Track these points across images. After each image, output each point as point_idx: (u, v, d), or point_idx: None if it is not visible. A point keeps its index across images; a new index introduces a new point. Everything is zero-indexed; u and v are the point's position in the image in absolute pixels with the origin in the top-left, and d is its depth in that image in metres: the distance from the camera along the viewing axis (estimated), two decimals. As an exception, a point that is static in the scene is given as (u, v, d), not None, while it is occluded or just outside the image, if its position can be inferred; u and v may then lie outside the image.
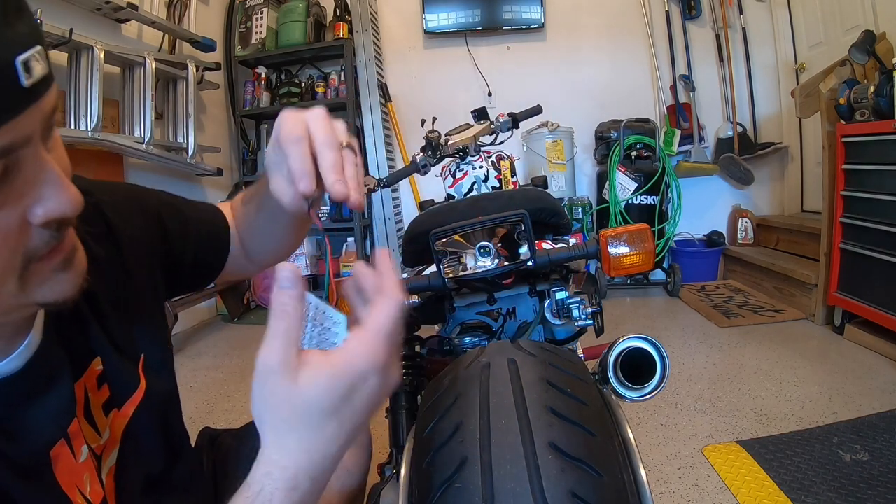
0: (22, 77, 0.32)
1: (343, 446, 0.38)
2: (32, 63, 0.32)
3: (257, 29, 3.51)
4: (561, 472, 0.41)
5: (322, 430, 0.36)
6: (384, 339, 0.37)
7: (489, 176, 1.34)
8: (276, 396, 0.36)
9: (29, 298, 0.39)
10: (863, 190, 2.12)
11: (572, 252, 0.76)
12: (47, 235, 0.38)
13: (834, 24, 2.99)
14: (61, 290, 0.40)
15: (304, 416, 0.36)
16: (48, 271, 0.39)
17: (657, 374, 0.61)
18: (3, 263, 0.36)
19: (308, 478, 0.36)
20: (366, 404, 0.38)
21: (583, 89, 3.67)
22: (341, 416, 0.37)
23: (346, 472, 0.82)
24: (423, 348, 0.93)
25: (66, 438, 0.45)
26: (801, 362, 2.06)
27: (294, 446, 0.36)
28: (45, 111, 0.35)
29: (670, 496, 1.30)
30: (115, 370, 0.52)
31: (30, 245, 0.37)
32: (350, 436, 0.38)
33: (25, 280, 0.38)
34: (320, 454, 0.37)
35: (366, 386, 0.37)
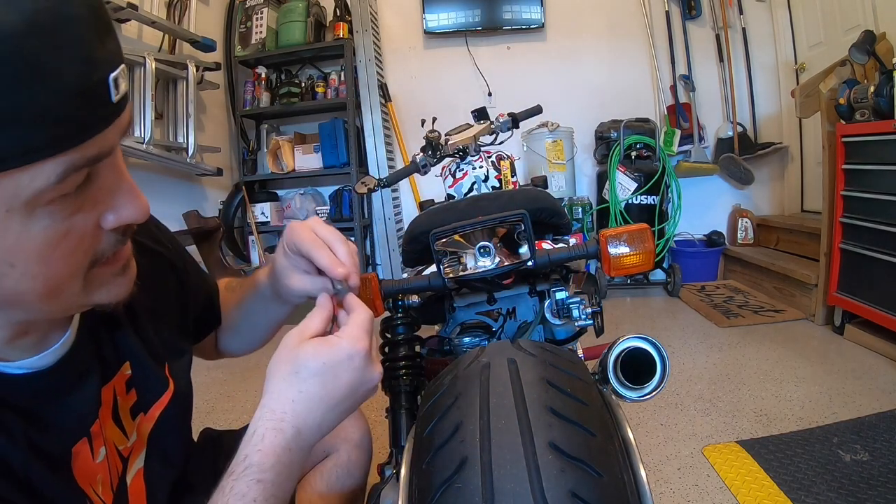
0: (112, 93, 0.35)
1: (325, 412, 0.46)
2: (120, 80, 0.35)
3: (257, 29, 3.51)
4: (561, 472, 0.41)
5: (307, 385, 0.45)
6: (365, 333, 0.48)
7: (489, 176, 1.34)
8: (284, 353, 0.46)
9: (88, 299, 0.42)
10: (863, 190, 2.12)
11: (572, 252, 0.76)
12: (114, 240, 0.41)
13: (834, 24, 2.99)
14: (117, 293, 0.44)
15: (295, 371, 0.45)
16: (108, 275, 0.43)
17: (657, 375, 0.61)
18: (76, 264, 0.39)
19: (292, 426, 0.44)
20: (348, 380, 0.46)
21: (583, 89, 3.67)
22: (324, 381, 0.45)
23: (346, 473, 0.82)
24: (423, 348, 0.93)
25: (88, 438, 0.47)
26: (801, 362, 2.06)
27: (284, 395, 0.45)
28: (124, 124, 0.38)
29: (670, 496, 1.30)
30: (143, 375, 0.55)
31: (98, 248, 0.40)
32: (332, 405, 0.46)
33: (89, 281, 0.41)
34: (304, 406, 0.45)
35: (350, 364, 0.46)
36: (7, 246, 0.35)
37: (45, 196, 0.34)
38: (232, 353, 0.79)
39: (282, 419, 0.44)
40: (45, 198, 0.34)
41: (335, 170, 3.55)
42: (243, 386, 2.16)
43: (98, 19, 0.34)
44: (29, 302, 0.39)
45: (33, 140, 0.32)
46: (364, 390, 0.48)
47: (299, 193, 3.74)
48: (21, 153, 0.32)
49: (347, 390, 0.46)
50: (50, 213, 0.35)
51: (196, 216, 3.03)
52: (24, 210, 0.34)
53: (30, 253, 0.36)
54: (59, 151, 0.33)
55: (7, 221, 0.34)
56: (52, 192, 0.34)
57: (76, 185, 0.36)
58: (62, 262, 0.38)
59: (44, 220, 0.35)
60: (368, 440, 0.89)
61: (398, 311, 0.84)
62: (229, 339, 0.77)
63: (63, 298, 0.40)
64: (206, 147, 3.27)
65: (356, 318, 0.49)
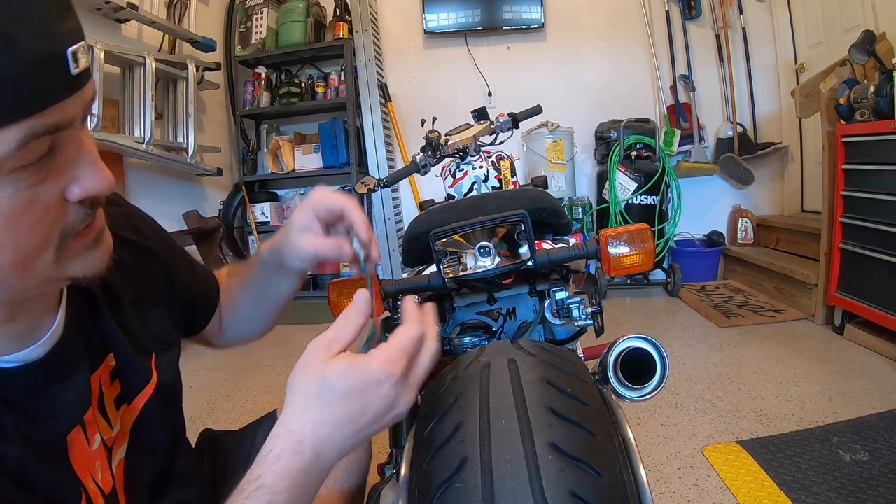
0: (71, 66, 0.36)
1: (346, 437, 0.43)
2: (79, 55, 0.37)
3: (257, 29, 3.51)
4: (561, 472, 0.41)
5: (331, 409, 0.42)
6: (403, 356, 0.44)
7: (489, 176, 1.34)
8: (308, 370, 0.44)
9: (62, 272, 0.42)
10: (863, 190, 2.12)
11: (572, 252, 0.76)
12: (82, 212, 0.41)
13: (834, 24, 2.99)
14: (91, 265, 0.44)
15: (321, 392, 0.43)
16: (81, 248, 0.43)
17: (657, 375, 0.61)
18: (43, 235, 0.39)
19: (311, 449, 0.42)
20: (374, 407, 0.43)
21: (583, 89, 3.67)
22: (349, 405, 0.42)
23: (346, 473, 0.82)
24: (423, 348, 0.92)
25: (81, 426, 0.48)
26: (801, 362, 2.06)
27: (306, 416, 0.43)
28: (86, 99, 0.39)
29: (670, 496, 1.30)
30: (127, 366, 0.55)
31: (67, 221, 0.41)
32: (354, 431, 0.43)
33: (61, 254, 0.41)
34: (325, 430, 0.42)
35: (379, 390, 0.43)
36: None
37: (8, 163, 0.35)
38: (239, 339, 0.78)
39: (301, 441, 0.42)
40: (7, 165, 0.35)
41: (335, 170, 3.55)
42: (243, 386, 2.16)
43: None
44: (1, 276, 0.39)
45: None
46: (392, 416, 0.44)
47: (299, 193, 3.74)
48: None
49: (374, 416, 0.43)
50: (13, 182, 0.36)
51: (196, 216, 3.03)
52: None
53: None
54: (19, 118, 0.34)
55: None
56: (14, 159, 0.35)
57: (38, 155, 0.37)
58: (29, 232, 0.38)
59: (7, 189, 0.36)
60: (369, 440, 0.89)
61: (398, 311, 0.84)
62: (235, 325, 0.76)
63: (35, 271, 0.40)
64: (206, 147, 3.27)
65: (397, 337, 0.45)
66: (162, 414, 0.58)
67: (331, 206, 0.56)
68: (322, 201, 0.57)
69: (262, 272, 0.68)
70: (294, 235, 0.58)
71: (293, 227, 0.59)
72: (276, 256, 0.63)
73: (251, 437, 0.78)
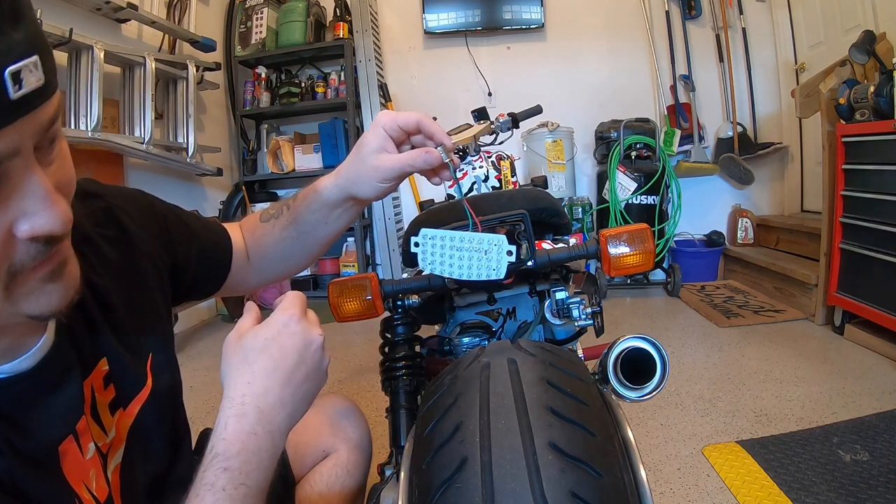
0: (10, 89, 0.31)
1: (282, 386, 0.46)
2: (24, 74, 0.31)
3: (257, 29, 3.51)
4: (561, 472, 0.41)
5: (257, 364, 0.46)
6: (294, 300, 0.50)
7: (489, 176, 1.34)
8: (229, 350, 0.48)
9: (16, 309, 0.38)
10: (863, 190, 2.12)
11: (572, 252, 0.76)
12: (34, 250, 0.37)
13: (834, 24, 2.99)
14: (48, 301, 0.40)
15: (244, 356, 0.47)
16: (34, 282, 0.38)
17: (657, 375, 0.61)
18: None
19: (253, 407, 0.44)
20: (291, 346, 0.47)
21: (583, 89, 3.67)
22: (270, 353, 0.46)
23: (346, 472, 0.82)
24: (423, 348, 0.93)
25: (74, 435, 0.46)
26: (801, 362, 2.06)
27: (239, 380, 0.46)
28: (40, 123, 0.34)
29: (670, 496, 1.30)
30: (121, 370, 0.53)
31: (15, 258, 0.36)
32: (286, 376, 0.46)
33: (11, 291, 0.37)
34: (259, 385, 0.45)
35: (287, 330, 0.48)
36: None
37: None
38: (276, 277, 0.77)
39: (242, 403, 0.44)
40: None
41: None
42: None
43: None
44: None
45: None
46: (312, 353, 0.48)
47: (299, 193, 3.74)
48: None
49: (296, 357, 0.47)
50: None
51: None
52: None
53: None
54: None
55: None
56: None
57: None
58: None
59: None
60: (368, 440, 0.89)
61: (398, 311, 0.84)
62: (270, 265, 0.74)
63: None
64: (206, 147, 3.27)
65: (283, 298, 0.51)
66: (159, 418, 0.57)
67: (404, 122, 0.57)
68: (393, 120, 0.57)
69: (320, 209, 0.65)
70: (370, 158, 0.57)
71: (367, 151, 0.58)
72: (345, 188, 0.61)
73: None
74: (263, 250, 0.73)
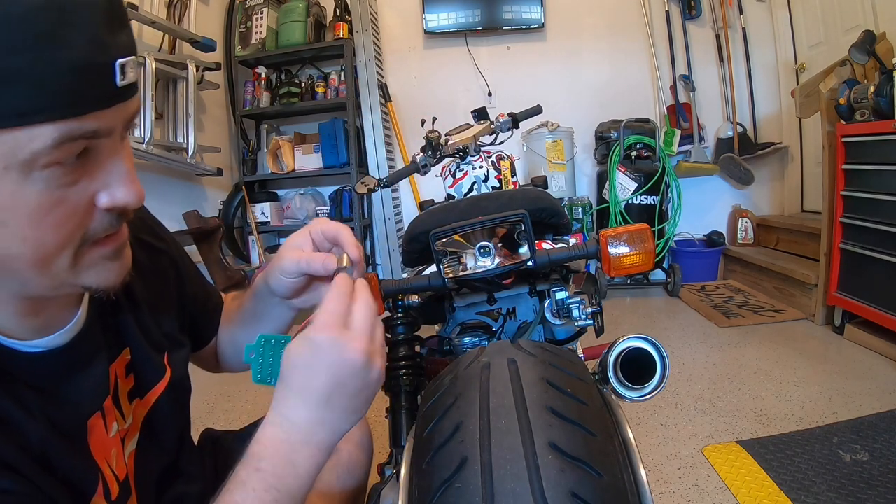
0: (118, 77, 0.38)
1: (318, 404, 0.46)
2: (127, 68, 0.38)
3: (257, 29, 3.51)
4: (561, 472, 0.41)
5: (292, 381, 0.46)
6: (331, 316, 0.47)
7: (489, 176, 1.34)
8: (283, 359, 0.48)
9: (77, 279, 0.43)
10: (863, 190, 2.12)
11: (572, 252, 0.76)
12: (107, 221, 0.42)
13: (834, 24, 2.99)
14: (106, 276, 0.45)
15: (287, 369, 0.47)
16: (98, 257, 0.43)
17: (657, 375, 0.61)
18: (65, 236, 0.40)
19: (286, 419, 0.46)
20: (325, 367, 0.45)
21: (583, 89, 3.67)
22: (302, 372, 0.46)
23: (347, 472, 0.83)
24: (423, 348, 0.93)
25: (101, 412, 0.50)
26: (801, 362, 2.06)
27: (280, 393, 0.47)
28: (129, 112, 0.41)
29: (670, 496, 1.30)
30: (141, 361, 0.57)
31: (91, 226, 0.41)
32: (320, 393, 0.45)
33: (78, 259, 0.42)
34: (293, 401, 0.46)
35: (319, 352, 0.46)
36: (1, 203, 0.36)
37: (42, 159, 0.36)
38: (232, 364, 0.78)
39: (279, 413, 0.46)
40: (41, 161, 0.36)
41: (335, 170, 3.55)
42: (243, 386, 2.16)
43: (112, 11, 0.37)
44: (19, 269, 0.40)
45: (35, 102, 0.34)
46: (349, 372, 0.46)
47: (299, 193, 3.74)
48: (22, 112, 0.34)
49: (328, 377, 0.45)
50: (45, 179, 0.37)
51: (196, 216, 3.03)
52: (21, 170, 0.36)
53: (22, 214, 0.37)
54: (58, 118, 0.35)
55: (4, 178, 0.35)
56: (48, 156, 0.36)
57: (72, 155, 0.37)
58: (53, 229, 0.39)
59: (39, 184, 0.37)
60: (369, 440, 0.89)
61: (398, 311, 0.84)
62: (229, 349, 0.76)
63: (52, 272, 0.41)
64: (206, 147, 3.27)
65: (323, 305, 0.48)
66: (172, 410, 0.60)
67: (327, 230, 0.57)
68: (320, 227, 0.58)
69: (257, 300, 0.66)
70: (284, 251, 0.58)
71: (286, 247, 0.59)
72: (266, 282, 0.62)
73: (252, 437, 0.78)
74: (229, 327, 0.74)
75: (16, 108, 0.34)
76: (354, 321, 0.47)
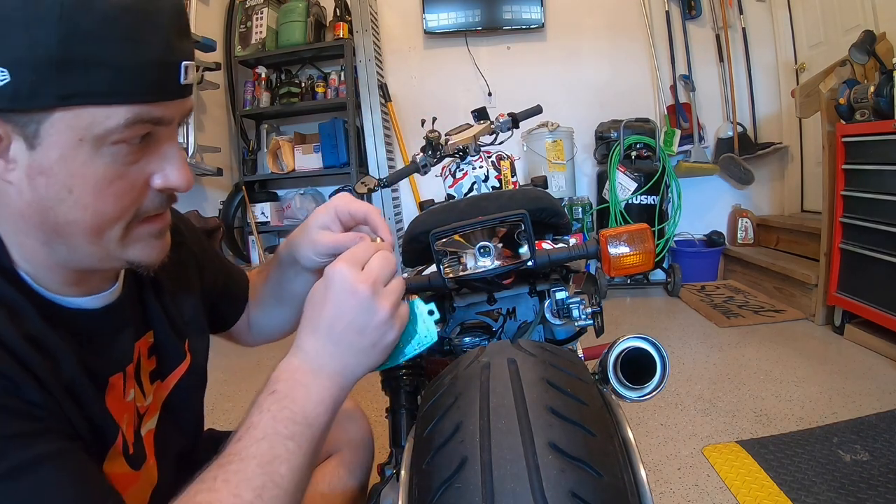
0: (182, 76, 0.44)
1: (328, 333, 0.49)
2: (189, 70, 0.45)
3: (257, 29, 3.51)
4: (561, 472, 0.41)
5: (307, 314, 0.51)
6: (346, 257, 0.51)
7: (489, 176, 1.34)
8: None
9: (123, 252, 0.47)
10: (863, 190, 2.12)
11: (572, 252, 0.76)
12: (158, 201, 0.48)
13: (834, 24, 2.99)
14: (149, 253, 0.49)
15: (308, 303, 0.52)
16: (145, 233, 0.48)
17: (657, 375, 0.61)
18: (121, 208, 0.45)
19: (299, 348, 0.50)
20: (330, 298, 0.49)
21: (583, 89, 3.67)
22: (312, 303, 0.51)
23: (348, 472, 0.83)
24: (423, 348, 0.92)
25: (123, 374, 0.53)
26: (801, 362, 2.06)
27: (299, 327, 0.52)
28: (185, 108, 0.47)
29: (670, 496, 1.30)
30: (164, 344, 0.60)
31: (143, 203, 0.47)
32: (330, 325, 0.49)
33: (128, 232, 0.47)
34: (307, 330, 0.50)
35: (324, 284, 0.50)
36: (71, 171, 0.42)
37: (113, 136, 0.41)
38: (267, 336, 0.81)
39: (294, 345, 0.51)
40: (112, 137, 0.41)
41: (335, 170, 3.55)
42: (243, 386, 2.15)
43: (179, 22, 0.44)
44: (75, 236, 0.44)
45: (116, 86, 0.40)
46: (353, 305, 0.48)
47: (299, 193, 3.74)
48: (104, 93, 0.40)
49: (333, 307, 0.49)
50: (112, 154, 0.42)
51: (196, 216, 3.03)
52: (94, 143, 0.41)
53: (88, 183, 0.42)
54: (131, 102, 0.41)
55: (77, 149, 0.41)
56: (119, 133, 0.41)
57: (137, 137, 0.43)
58: (111, 200, 0.44)
59: (106, 158, 0.42)
60: (370, 440, 0.89)
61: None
62: (262, 322, 0.79)
63: (104, 241, 0.45)
64: (206, 147, 3.27)
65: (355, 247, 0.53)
66: (190, 395, 0.63)
67: (355, 211, 0.59)
68: (346, 206, 0.60)
69: (280, 268, 0.70)
70: (313, 232, 0.61)
71: (313, 225, 0.61)
72: (291, 253, 0.65)
73: None
74: (257, 299, 0.78)
75: (99, 88, 0.40)
76: (369, 265, 0.50)
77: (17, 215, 0.43)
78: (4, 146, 0.41)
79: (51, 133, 0.40)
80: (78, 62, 0.38)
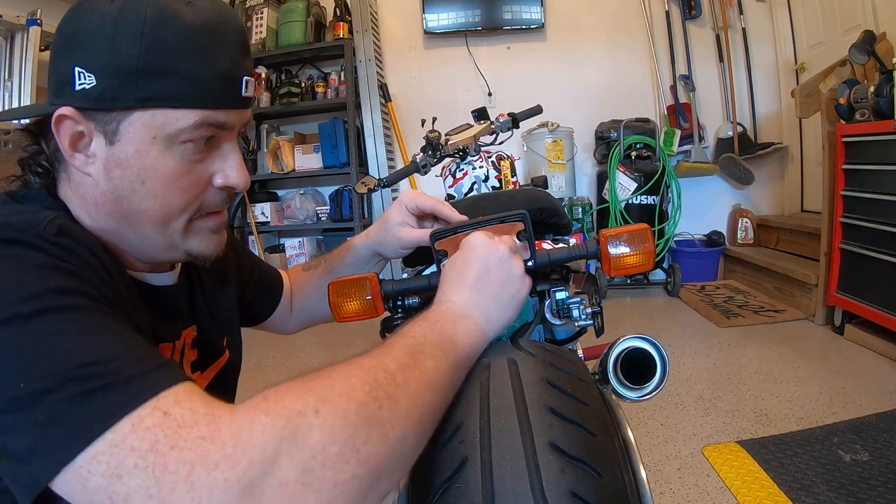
0: (243, 89, 0.51)
1: (472, 288, 0.54)
2: (249, 84, 0.51)
3: (257, 29, 3.51)
4: (561, 472, 0.41)
5: (448, 272, 0.57)
6: (483, 236, 0.58)
7: (489, 176, 1.34)
8: None
9: (185, 243, 0.53)
10: (863, 190, 2.12)
11: (572, 252, 0.76)
12: (219, 198, 0.54)
13: (834, 24, 2.99)
14: (207, 246, 0.55)
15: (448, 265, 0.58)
16: (205, 228, 0.54)
17: (657, 375, 0.61)
18: (187, 200, 0.50)
19: (440, 300, 0.54)
20: (475, 258, 0.55)
21: (583, 89, 3.67)
22: (455, 265, 0.57)
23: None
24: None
25: (172, 347, 0.57)
26: (801, 362, 2.06)
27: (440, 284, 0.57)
28: (245, 119, 0.53)
29: (670, 496, 1.31)
30: (206, 338, 0.64)
31: (205, 199, 0.52)
32: (472, 280, 0.54)
33: (191, 224, 0.52)
34: (448, 284, 0.55)
35: (471, 250, 0.56)
36: (145, 164, 0.47)
37: (183, 135, 0.47)
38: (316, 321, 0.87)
39: (439, 300, 0.54)
40: (182, 136, 0.47)
41: (335, 170, 3.55)
42: (243, 386, 2.14)
43: (242, 41, 0.51)
44: (144, 223, 0.50)
45: (187, 92, 0.46)
46: (495, 260, 0.55)
47: (299, 193, 3.74)
48: (177, 98, 0.46)
49: (478, 265, 0.54)
50: (181, 152, 0.48)
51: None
52: (166, 141, 0.47)
53: (159, 176, 0.48)
54: (202, 107, 0.47)
55: (151, 145, 0.47)
56: (188, 134, 0.47)
57: (203, 139, 0.49)
58: (178, 193, 0.49)
59: (175, 155, 0.48)
60: None
61: (398, 312, 0.84)
62: (312, 309, 0.85)
63: (168, 231, 0.51)
64: (206, 147, 3.27)
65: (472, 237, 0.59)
66: (227, 389, 0.68)
67: (423, 205, 0.70)
68: (414, 201, 0.70)
69: (353, 262, 0.78)
70: (394, 229, 0.71)
71: (391, 223, 0.71)
72: (372, 248, 0.75)
73: None
74: (303, 296, 0.85)
75: (173, 94, 0.46)
76: (498, 237, 0.58)
77: (92, 204, 0.49)
78: (87, 142, 0.47)
79: (129, 130, 0.46)
80: (156, 71, 0.45)
